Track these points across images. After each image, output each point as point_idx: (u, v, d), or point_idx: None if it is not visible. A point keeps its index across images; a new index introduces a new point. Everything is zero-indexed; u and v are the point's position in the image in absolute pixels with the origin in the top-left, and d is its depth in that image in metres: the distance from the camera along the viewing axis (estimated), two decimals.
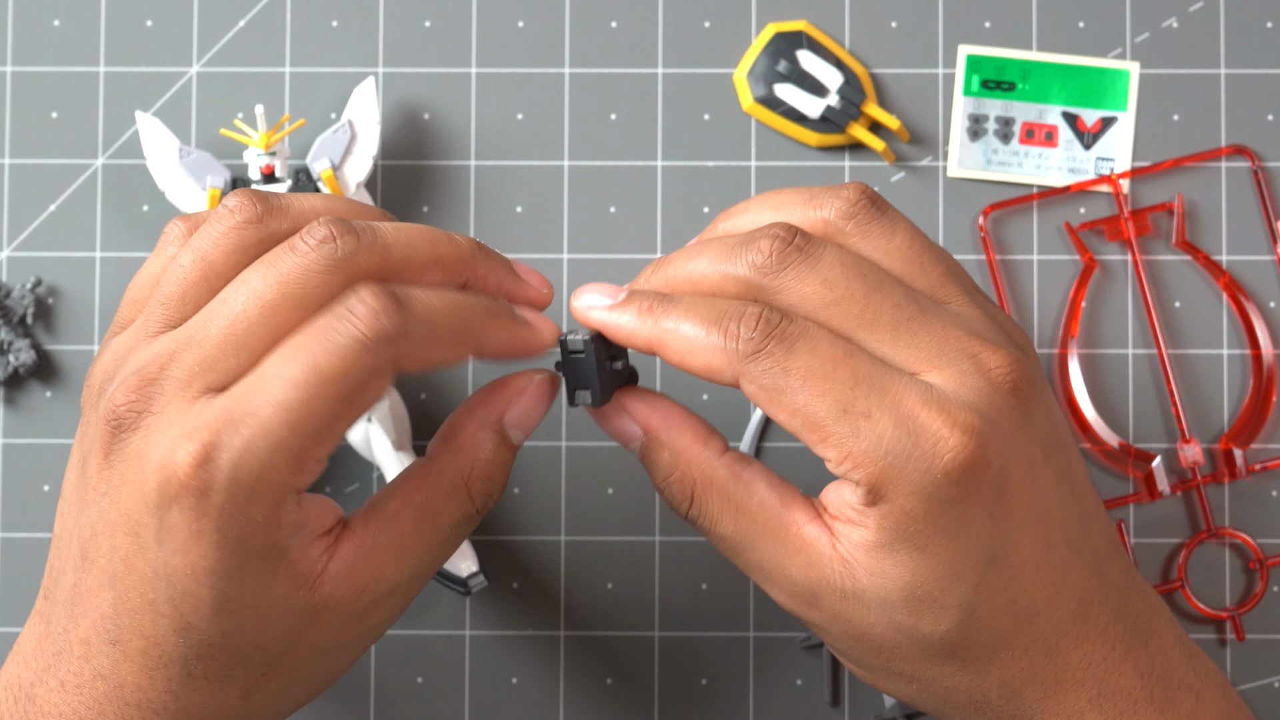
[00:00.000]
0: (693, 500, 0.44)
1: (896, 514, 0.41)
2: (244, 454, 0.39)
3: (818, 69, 0.61)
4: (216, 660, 0.41)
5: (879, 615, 0.42)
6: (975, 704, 0.44)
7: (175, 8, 0.62)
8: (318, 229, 0.41)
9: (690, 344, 0.42)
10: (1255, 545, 0.60)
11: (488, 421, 0.44)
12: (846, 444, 0.41)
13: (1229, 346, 0.61)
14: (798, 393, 0.41)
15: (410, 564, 0.43)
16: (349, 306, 0.40)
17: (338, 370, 0.39)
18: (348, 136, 0.60)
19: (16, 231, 0.61)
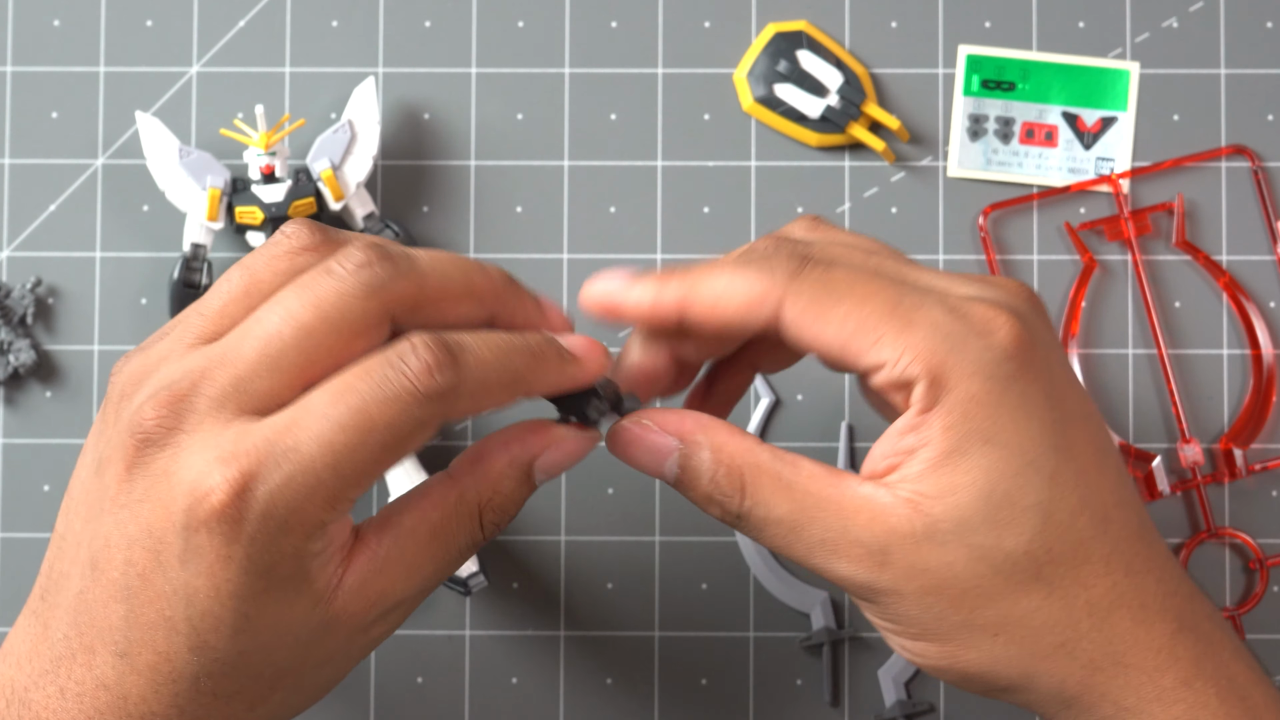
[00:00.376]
0: (744, 489, 0.43)
1: (963, 403, 0.41)
2: (282, 488, 0.39)
3: (818, 69, 0.61)
4: (229, 678, 0.41)
5: (957, 547, 0.41)
6: (1066, 644, 0.42)
7: (175, 8, 0.62)
8: (354, 253, 0.41)
9: (726, 285, 0.42)
10: (1255, 545, 0.60)
11: (519, 460, 0.44)
12: (903, 337, 0.41)
13: (1229, 346, 0.61)
14: (843, 301, 0.41)
15: (419, 581, 0.43)
16: (402, 355, 0.40)
17: (387, 420, 0.39)
18: (348, 136, 0.60)
19: (16, 231, 0.61)
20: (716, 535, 0.60)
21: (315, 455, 0.39)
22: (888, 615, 0.43)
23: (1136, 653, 0.42)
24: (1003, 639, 0.42)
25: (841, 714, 0.60)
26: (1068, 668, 0.42)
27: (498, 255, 0.61)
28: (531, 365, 0.42)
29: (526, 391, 0.42)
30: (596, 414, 0.45)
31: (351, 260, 0.41)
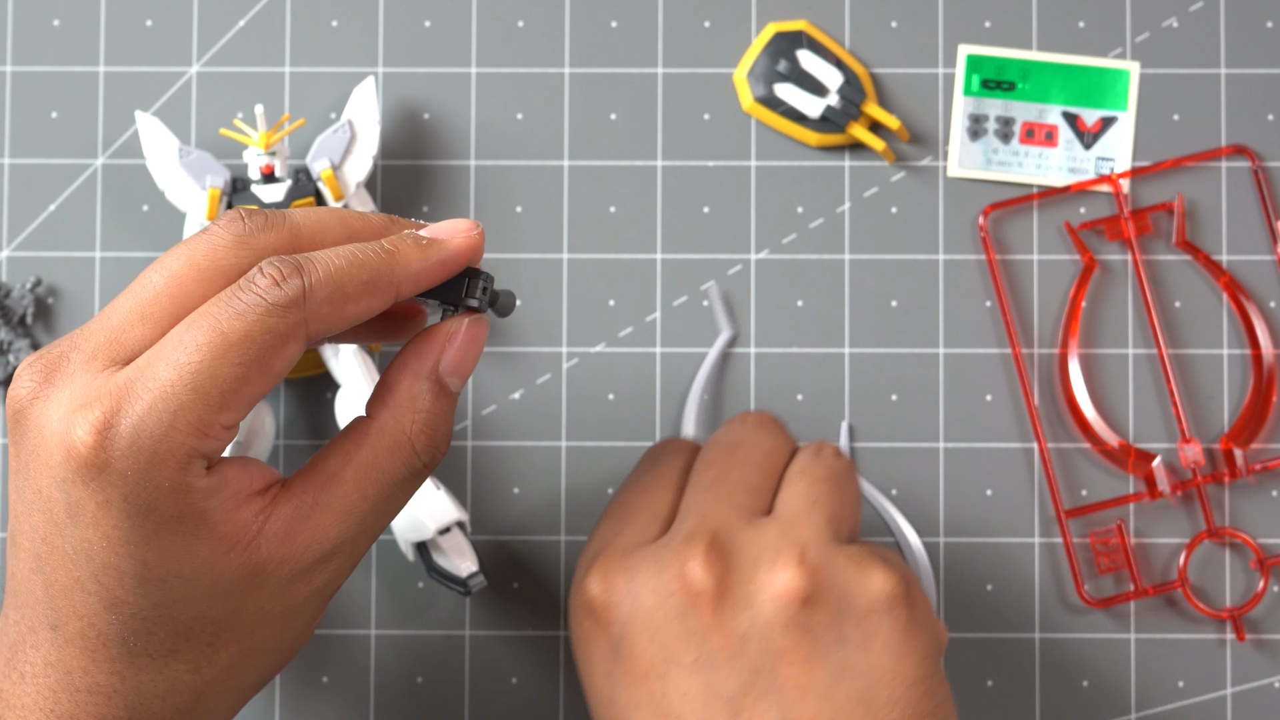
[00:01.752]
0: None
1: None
2: (144, 418, 0.39)
3: (818, 69, 0.61)
4: (155, 635, 0.41)
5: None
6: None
7: (175, 8, 0.62)
8: (229, 213, 0.42)
9: None
10: (1256, 545, 0.59)
11: (422, 372, 0.43)
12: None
13: (1229, 346, 0.61)
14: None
15: (354, 522, 0.42)
16: (250, 276, 0.40)
17: (241, 333, 0.39)
18: (348, 136, 0.60)
19: (16, 231, 0.61)
20: None
21: (173, 379, 0.39)
22: None
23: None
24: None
25: None
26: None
27: (498, 255, 0.61)
28: (387, 259, 0.42)
29: (394, 288, 0.42)
30: (480, 293, 0.44)
31: (225, 218, 0.42)
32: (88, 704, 0.41)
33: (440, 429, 0.43)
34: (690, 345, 0.61)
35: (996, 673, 0.60)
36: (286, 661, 0.45)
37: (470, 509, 0.60)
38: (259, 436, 0.59)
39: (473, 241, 0.43)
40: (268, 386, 0.40)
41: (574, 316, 0.61)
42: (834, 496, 0.48)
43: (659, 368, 0.61)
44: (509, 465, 0.61)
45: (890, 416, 0.61)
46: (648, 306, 0.61)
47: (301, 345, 0.41)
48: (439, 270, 0.43)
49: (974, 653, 0.60)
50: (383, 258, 0.42)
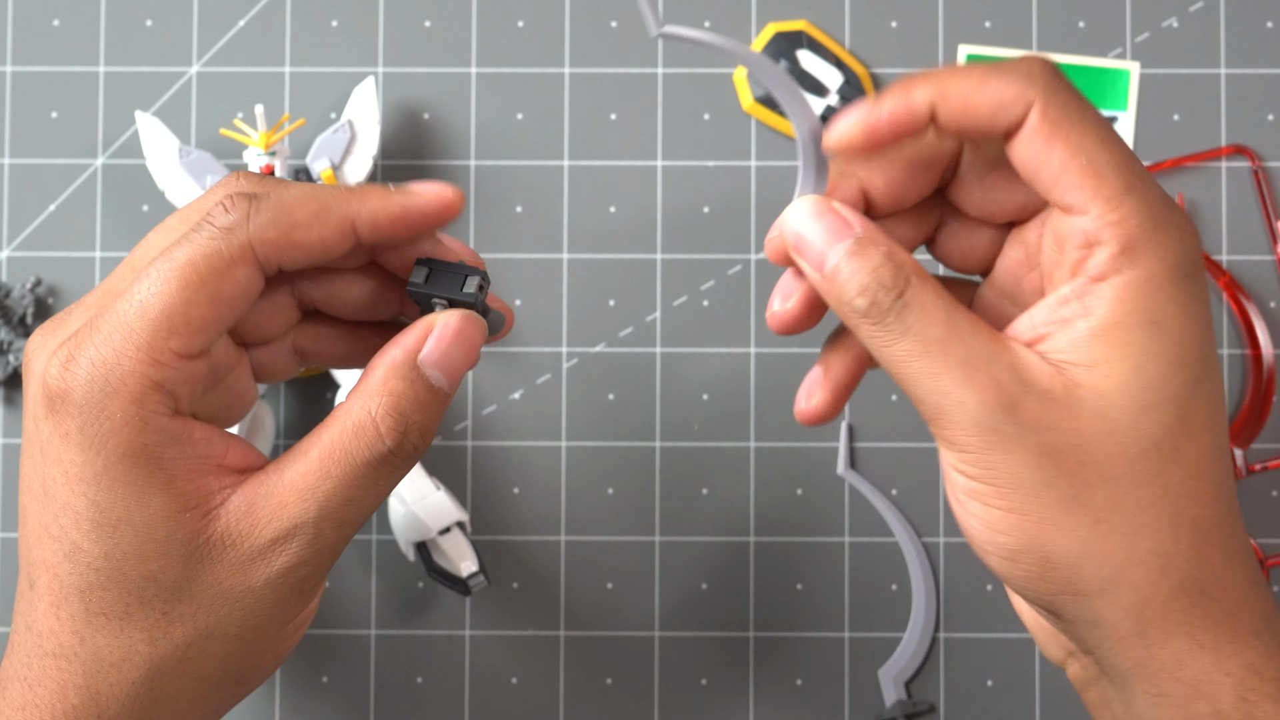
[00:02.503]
0: (906, 290, 0.41)
1: (1143, 280, 0.40)
2: (100, 347, 0.40)
3: (818, 69, 0.61)
4: (109, 592, 0.41)
5: (1092, 417, 0.40)
6: (1162, 555, 0.40)
7: (175, 8, 0.62)
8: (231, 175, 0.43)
9: (977, 84, 0.42)
10: (1255, 545, 0.59)
11: (398, 359, 0.42)
12: (1119, 198, 0.40)
13: (1229, 346, 0.61)
14: (1087, 133, 0.41)
15: (315, 503, 0.41)
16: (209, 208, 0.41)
17: (186, 258, 0.40)
18: (348, 136, 0.60)
19: (16, 231, 0.61)
20: (716, 535, 0.60)
21: (126, 308, 0.40)
22: (989, 473, 0.41)
23: (1220, 589, 0.41)
24: (1103, 528, 0.40)
25: (841, 714, 0.60)
26: (1156, 583, 0.40)
27: (498, 255, 0.61)
28: (344, 193, 0.42)
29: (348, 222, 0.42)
30: (473, 289, 0.43)
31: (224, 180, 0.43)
32: (52, 669, 0.42)
33: (410, 416, 0.42)
34: (690, 345, 0.61)
35: (996, 673, 0.60)
36: (258, 665, 0.44)
37: (470, 509, 0.61)
38: (258, 434, 0.59)
39: (443, 197, 0.43)
40: (222, 313, 0.40)
41: (574, 316, 0.61)
42: None
43: (659, 368, 0.61)
44: (509, 465, 0.61)
45: (890, 416, 0.61)
46: (648, 306, 0.61)
47: (251, 269, 0.41)
48: (401, 216, 0.42)
49: (974, 653, 0.60)
50: (339, 191, 0.42)
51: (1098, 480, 0.40)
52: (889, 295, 0.41)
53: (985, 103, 0.41)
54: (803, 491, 0.60)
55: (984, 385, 0.40)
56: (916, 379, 0.41)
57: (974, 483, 0.41)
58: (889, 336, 0.41)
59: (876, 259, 0.42)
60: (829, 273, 0.42)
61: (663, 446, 0.61)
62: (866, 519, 0.60)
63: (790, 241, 0.43)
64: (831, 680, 0.60)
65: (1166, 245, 0.40)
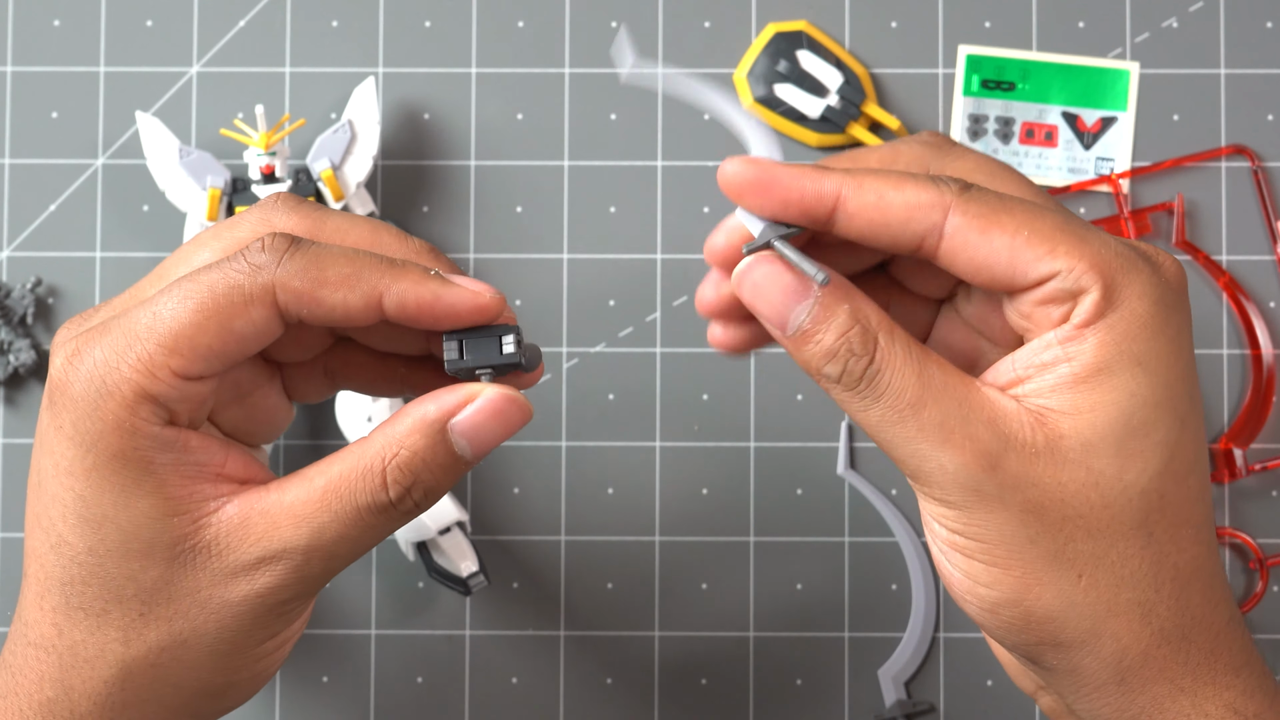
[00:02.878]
0: (875, 354, 0.40)
1: (1128, 319, 0.39)
2: (104, 350, 0.40)
3: (818, 69, 0.61)
4: (90, 587, 0.41)
5: (1075, 469, 0.39)
6: (1144, 605, 0.40)
7: (175, 8, 0.62)
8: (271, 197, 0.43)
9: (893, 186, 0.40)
10: (1255, 545, 0.60)
11: (428, 417, 0.41)
12: (1079, 249, 0.39)
13: (1229, 346, 0.61)
14: (1015, 213, 0.40)
15: (307, 532, 0.41)
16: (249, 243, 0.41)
17: (208, 284, 0.40)
18: (348, 136, 0.60)
19: (16, 231, 0.61)
20: (716, 535, 0.60)
21: (140, 318, 0.40)
22: (971, 529, 0.40)
23: (1200, 631, 0.41)
24: (1086, 582, 0.40)
25: (841, 714, 0.60)
26: (1138, 632, 0.40)
27: (498, 255, 0.61)
28: (381, 264, 0.41)
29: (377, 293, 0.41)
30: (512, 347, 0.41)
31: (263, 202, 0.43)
32: (32, 659, 0.42)
33: (420, 475, 0.41)
34: (690, 345, 0.61)
35: (996, 673, 0.60)
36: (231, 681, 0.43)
37: (470, 509, 0.61)
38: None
39: (478, 298, 0.41)
40: (229, 346, 0.40)
41: (574, 316, 0.61)
42: None
43: (659, 368, 0.61)
44: (509, 465, 0.61)
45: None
46: (648, 306, 0.61)
47: (268, 312, 0.40)
48: (432, 303, 0.41)
49: (974, 653, 0.60)
50: (376, 261, 0.41)
51: (1082, 534, 0.40)
52: (860, 362, 0.40)
53: (895, 211, 0.40)
54: (803, 491, 0.60)
55: (963, 446, 0.40)
56: (893, 443, 0.41)
57: (956, 536, 0.41)
58: (863, 403, 0.41)
59: (842, 321, 0.40)
60: (792, 336, 0.41)
61: (663, 446, 0.61)
62: (866, 519, 0.60)
63: (745, 297, 0.41)
64: (831, 680, 0.60)
65: (1147, 279, 0.40)
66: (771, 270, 0.41)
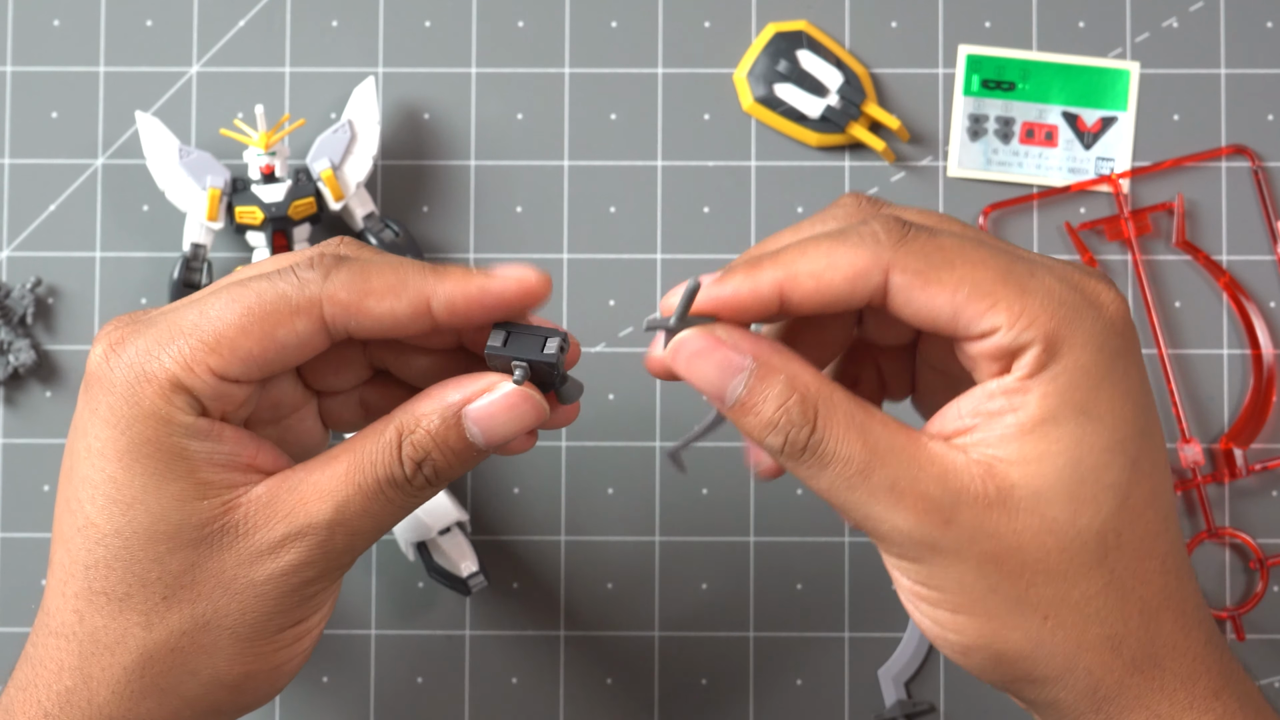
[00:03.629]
0: (816, 422, 0.40)
1: (1071, 370, 0.39)
2: (147, 340, 0.41)
3: (818, 69, 0.61)
4: (113, 570, 0.41)
5: (1029, 517, 0.40)
6: (1113, 638, 0.40)
7: (175, 8, 0.62)
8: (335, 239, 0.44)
9: (828, 258, 0.40)
10: (1255, 545, 0.60)
11: (447, 399, 0.42)
12: (1019, 302, 0.39)
13: (1229, 346, 0.61)
14: (955, 266, 0.40)
15: (331, 506, 0.42)
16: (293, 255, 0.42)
17: (256, 292, 0.41)
18: (348, 136, 0.60)
19: (16, 231, 0.61)
20: (717, 535, 0.60)
21: (187, 314, 0.41)
22: (933, 581, 0.41)
23: (1174, 658, 0.41)
24: (1052, 623, 0.40)
25: (841, 714, 0.60)
26: (1109, 664, 0.41)
27: (498, 255, 0.61)
28: (424, 269, 0.42)
29: (424, 298, 0.41)
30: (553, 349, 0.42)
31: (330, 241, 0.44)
32: (52, 648, 0.42)
33: (435, 456, 0.42)
34: None
35: None
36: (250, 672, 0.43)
37: (470, 509, 0.61)
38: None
39: (525, 282, 0.42)
40: (270, 354, 0.41)
41: (574, 316, 0.61)
42: None
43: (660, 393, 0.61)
44: (509, 465, 0.61)
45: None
46: (648, 306, 0.61)
47: (313, 324, 0.41)
48: (479, 296, 0.41)
49: None
50: (419, 267, 0.42)
51: (1042, 579, 0.40)
52: (801, 432, 0.40)
53: (837, 283, 0.40)
54: (803, 491, 0.60)
55: (915, 506, 0.40)
56: (846, 507, 0.41)
57: (920, 587, 0.41)
58: (810, 471, 0.41)
59: (780, 391, 0.40)
60: (732, 409, 0.41)
61: (663, 447, 0.61)
62: None
63: (681, 372, 0.41)
64: (831, 680, 0.60)
65: (1089, 328, 0.40)
66: (705, 344, 0.41)
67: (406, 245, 0.60)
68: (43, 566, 0.60)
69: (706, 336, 0.41)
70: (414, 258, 0.59)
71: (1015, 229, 0.61)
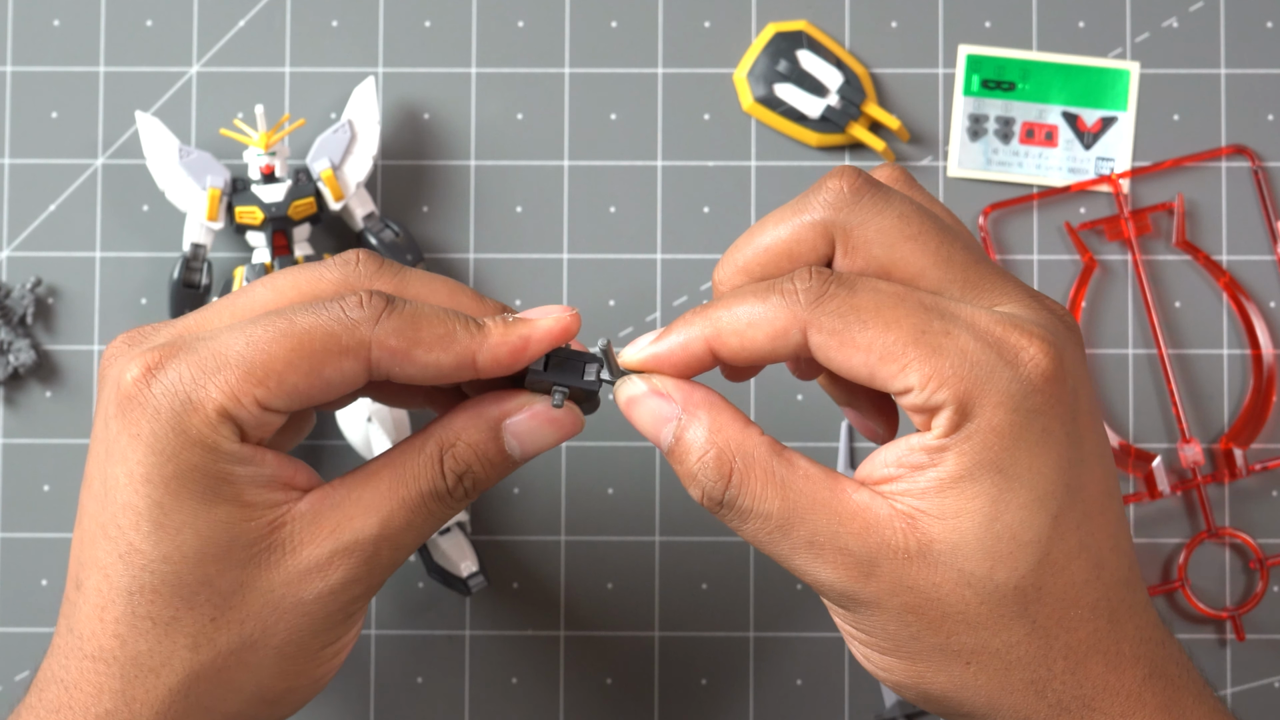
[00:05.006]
0: (731, 478, 0.42)
1: (983, 432, 0.40)
2: (190, 365, 0.41)
3: (818, 69, 0.61)
4: (160, 595, 0.41)
5: (947, 571, 0.40)
6: (1037, 683, 0.41)
7: (175, 8, 0.62)
8: (350, 252, 0.44)
9: (749, 316, 0.41)
10: (1255, 545, 0.60)
11: (486, 413, 0.44)
12: (929, 364, 0.40)
13: (1229, 346, 0.61)
14: (869, 326, 0.40)
15: (377, 521, 0.42)
16: (344, 294, 0.42)
17: (304, 327, 0.41)
18: (348, 136, 0.60)
19: (16, 231, 0.61)
20: (716, 535, 0.60)
21: (229, 341, 0.41)
22: (861, 626, 0.42)
23: (1105, 698, 0.42)
24: (974, 668, 0.42)
25: (841, 714, 0.60)
26: (1034, 706, 0.42)
27: (498, 255, 0.61)
28: (471, 327, 0.42)
29: (470, 354, 0.42)
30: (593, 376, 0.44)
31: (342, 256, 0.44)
32: (89, 671, 0.42)
33: (475, 467, 0.43)
34: None
35: None
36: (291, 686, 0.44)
37: (470, 509, 0.61)
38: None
39: (562, 324, 0.44)
40: (315, 390, 0.41)
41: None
42: None
43: None
44: None
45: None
46: (648, 306, 0.61)
47: (360, 366, 0.41)
48: (521, 346, 0.43)
49: None
50: (466, 322, 0.42)
51: (963, 628, 0.41)
52: (717, 487, 0.42)
53: (759, 341, 0.41)
54: None
55: (835, 561, 0.41)
56: (772, 555, 0.42)
57: (849, 628, 0.43)
58: (735, 522, 0.42)
59: (698, 445, 0.42)
60: (667, 455, 0.43)
61: None
62: None
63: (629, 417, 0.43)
64: (831, 680, 0.60)
65: (1003, 388, 0.40)
66: (640, 392, 0.43)
67: (406, 245, 0.60)
68: (42, 566, 0.60)
69: (643, 385, 0.43)
70: (414, 258, 0.59)
71: (1015, 229, 0.61)
